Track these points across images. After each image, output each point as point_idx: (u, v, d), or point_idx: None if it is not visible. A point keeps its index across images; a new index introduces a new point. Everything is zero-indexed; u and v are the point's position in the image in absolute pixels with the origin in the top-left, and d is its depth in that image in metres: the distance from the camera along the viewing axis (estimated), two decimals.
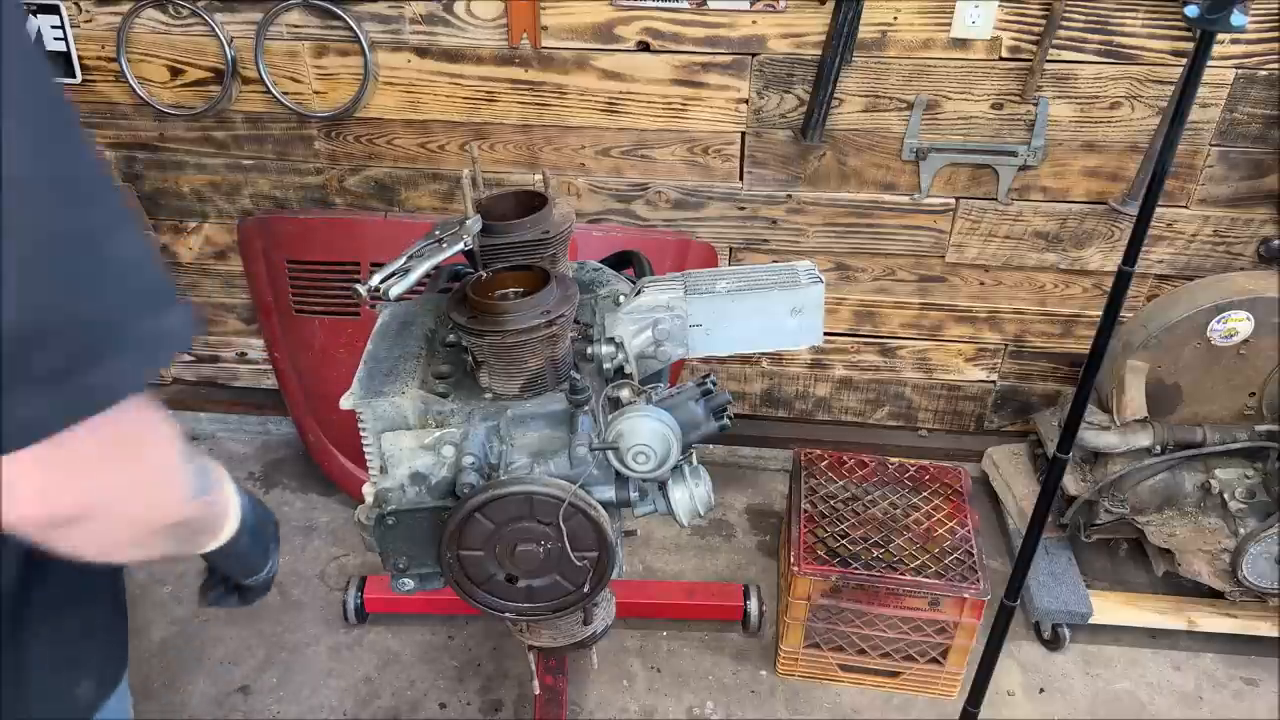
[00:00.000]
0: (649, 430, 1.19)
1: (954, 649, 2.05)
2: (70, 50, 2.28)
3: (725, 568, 2.45)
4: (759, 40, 2.12)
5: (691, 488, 1.27)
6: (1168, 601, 2.23)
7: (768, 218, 2.37)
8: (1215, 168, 2.18)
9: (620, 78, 2.20)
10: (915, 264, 2.40)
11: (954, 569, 2.02)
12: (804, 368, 2.62)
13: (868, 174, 2.27)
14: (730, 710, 2.11)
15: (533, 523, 1.21)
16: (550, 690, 1.79)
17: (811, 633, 2.10)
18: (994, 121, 2.17)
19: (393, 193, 2.43)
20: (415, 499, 1.24)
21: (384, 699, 2.13)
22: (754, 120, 2.22)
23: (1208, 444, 2.13)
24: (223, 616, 2.29)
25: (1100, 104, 2.12)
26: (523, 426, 1.28)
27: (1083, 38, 2.04)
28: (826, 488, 2.24)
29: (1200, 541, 2.17)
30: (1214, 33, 1.27)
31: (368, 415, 1.27)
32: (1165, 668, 2.21)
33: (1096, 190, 2.23)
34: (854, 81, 2.14)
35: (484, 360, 1.26)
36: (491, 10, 2.14)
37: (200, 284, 2.67)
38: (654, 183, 2.35)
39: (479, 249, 1.26)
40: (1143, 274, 2.34)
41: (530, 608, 1.30)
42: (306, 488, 2.67)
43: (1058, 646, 2.23)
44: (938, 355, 2.55)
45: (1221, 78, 2.06)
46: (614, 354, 1.34)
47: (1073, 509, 2.26)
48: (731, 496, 2.65)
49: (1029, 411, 2.58)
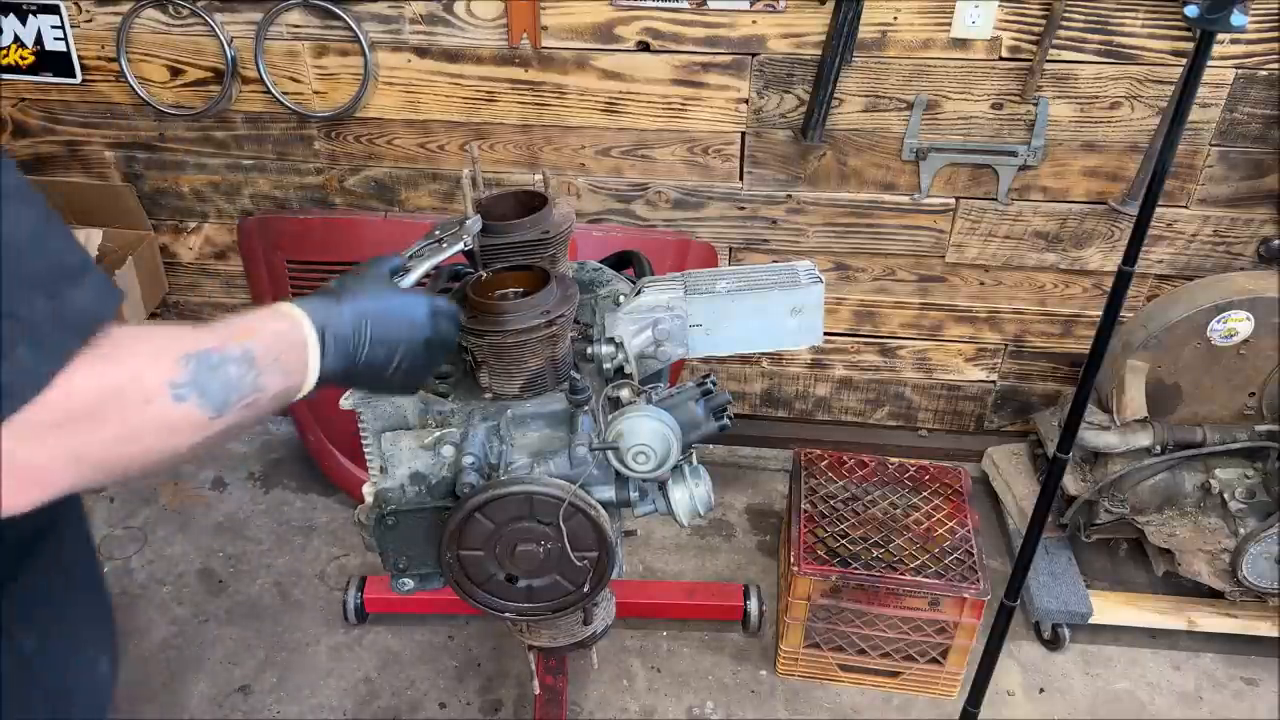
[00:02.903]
0: (649, 430, 1.19)
1: (954, 649, 2.05)
2: (70, 50, 2.28)
3: (725, 568, 2.45)
4: (759, 40, 2.12)
5: (691, 488, 1.27)
6: (1168, 601, 2.23)
7: (768, 218, 2.37)
8: (1215, 168, 2.18)
9: (620, 78, 2.20)
10: (915, 264, 2.40)
11: (954, 569, 2.02)
12: (804, 368, 2.62)
13: (868, 174, 2.27)
14: (730, 710, 2.11)
15: (533, 523, 1.21)
16: (550, 690, 1.79)
17: (811, 633, 2.10)
18: (994, 121, 2.17)
19: (393, 193, 2.43)
20: (415, 499, 1.24)
21: (384, 699, 2.13)
22: (754, 120, 2.22)
23: (1208, 444, 2.13)
24: (222, 617, 2.29)
25: (1100, 104, 2.12)
26: (523, 426, 1.28)
27: (1083, 38, 2.04)
28: (826, 488, 2.24)
29: (1200, 541, 2.17)
30: (1214, 33, 1.27)
31: (368, 415, 1.27)
32: (1165, 668, 2.21)
33: (1096, 190, 2.23)
34: (854, 81, 2.14)
35: (484, 360, 1.26)
36: (491, 10, 2.14)
37: (200, 284, 2.67)
38: (654, 183, 2.35)
39: (479, 249, 1.26)
40: (1143, 274, 2.34)
41: (530, 608, 1.30)
42: (306, 488, 2.67)
43: (1058, 646, 2.23)
44: (938, 355, 2.55)
45: (1221, 78, 2.06)
46: (614, 354, 1.34)
47: (1073, 509, 2.26)
48: (731, 496, 2.65)
49: (1029, 411, 2.58)
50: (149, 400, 0.71)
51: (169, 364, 0.73)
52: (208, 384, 0.75)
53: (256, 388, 0.80)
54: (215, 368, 0.76)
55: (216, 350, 0.77)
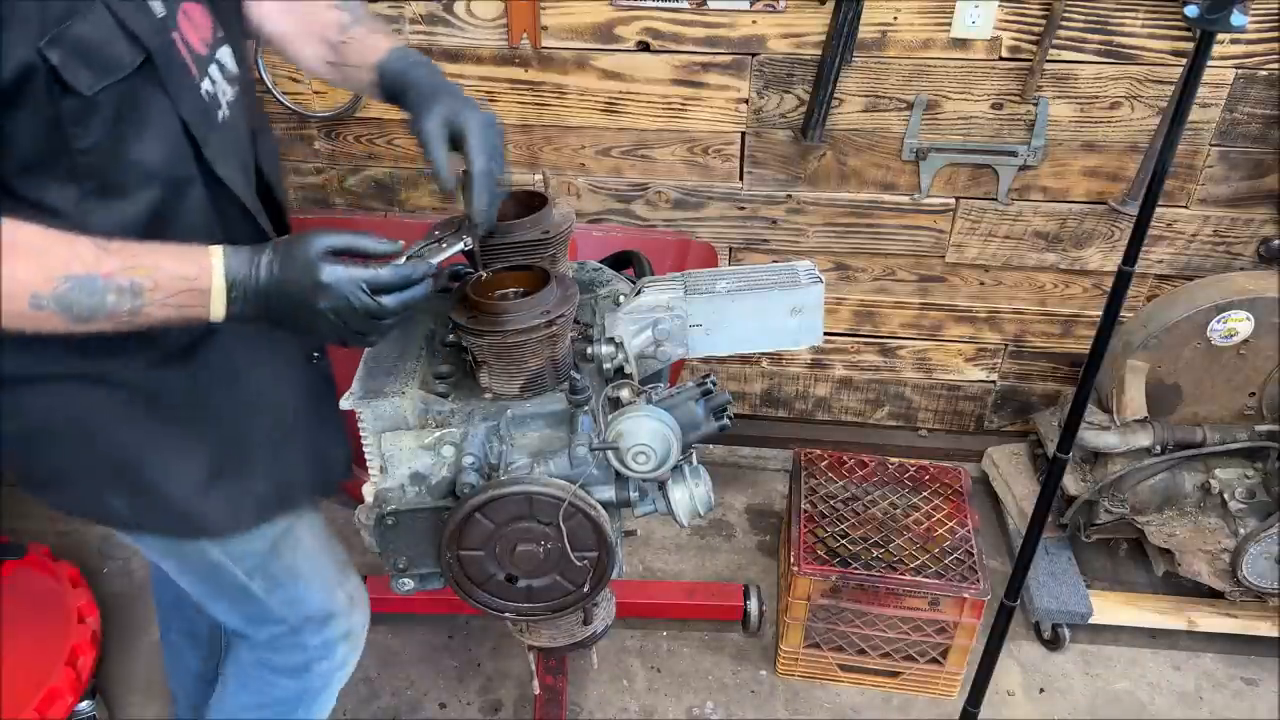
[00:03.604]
0: (649, 430, 1.19)
1: (954, 649, 2.05)
2: None
3: (725, 568, 2.45)
4: (759, 40, 2.11)
5: (691, 488, 1.27)
6: (1168, 601, 2.23)
7: (768, 218, 2.37)
8: (1215, 168, 2.18)
9: (620, 78, 2.20)
10: (915, 264, 2.40)
11: (954, 569, 2.02)
12: (804, 368, 2.62)
13: (868, 174, 2.27)
14: (730, 710, 2.11)
15: (533, 523, 1.21)
16: (550, 690, 1.79)
17: (811, 633, 2.10)
18: (994, 121, 2.17)
19: (393, 193, 2.43)
20: (415, 499, 1.24)
21: (384, 699, 2.13)
22: (754, 120, 2.22)
23: (1208, 444, 2.13)
24: None
25: (1100, 104, 2.12)
26: (523, 426, 1.28)
27: (1083, 38, 2.04)
28: (826, 488, 2.24)
29: (1200, 541, 2.17)
30: (1214, 33, 1.27)
31: (368, 415, 1.27)
32: (1165, 668, 2.21)
33: (1096, 190, 2.23)
34: (854, 81, 2.14)
35: (484, 360, 1.26)
36: (491, 10, 2.14)
37: None
38: (654, 183, 2.35)
39: (479, 249, 1.26)
40: (1143, 274, 2.34)
41: (530, 608, 1.30)
42: None
43: (1058, 646, 2.23)
44: (938, 355, 2.55)
45: (1221, 78, 2.06)
46: (614, 354, 1.34)
47: (1073, 509, 2.26)
48: (731, 496, 2.65)
49: (1029, 411, 2.58)
50: (11, 296, 0.93)
51: (43, 278, 0.94)
52: (77, 301, 0.95)
53: (134, 312, 0.98)
54: (94, 292, 0.96)
55: (105, 276, 0.96)
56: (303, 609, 1.42)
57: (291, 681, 1.50)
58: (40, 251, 0.95)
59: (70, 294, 0.95)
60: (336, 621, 1.46)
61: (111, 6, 0.98)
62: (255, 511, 1.30)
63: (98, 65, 0.98)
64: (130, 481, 1.21)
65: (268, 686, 1.51)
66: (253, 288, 1.03)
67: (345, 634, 1.49)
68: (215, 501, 1.25)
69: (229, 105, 1.17)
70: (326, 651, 1.48)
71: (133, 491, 1.22)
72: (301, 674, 1.49)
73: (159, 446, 1.20)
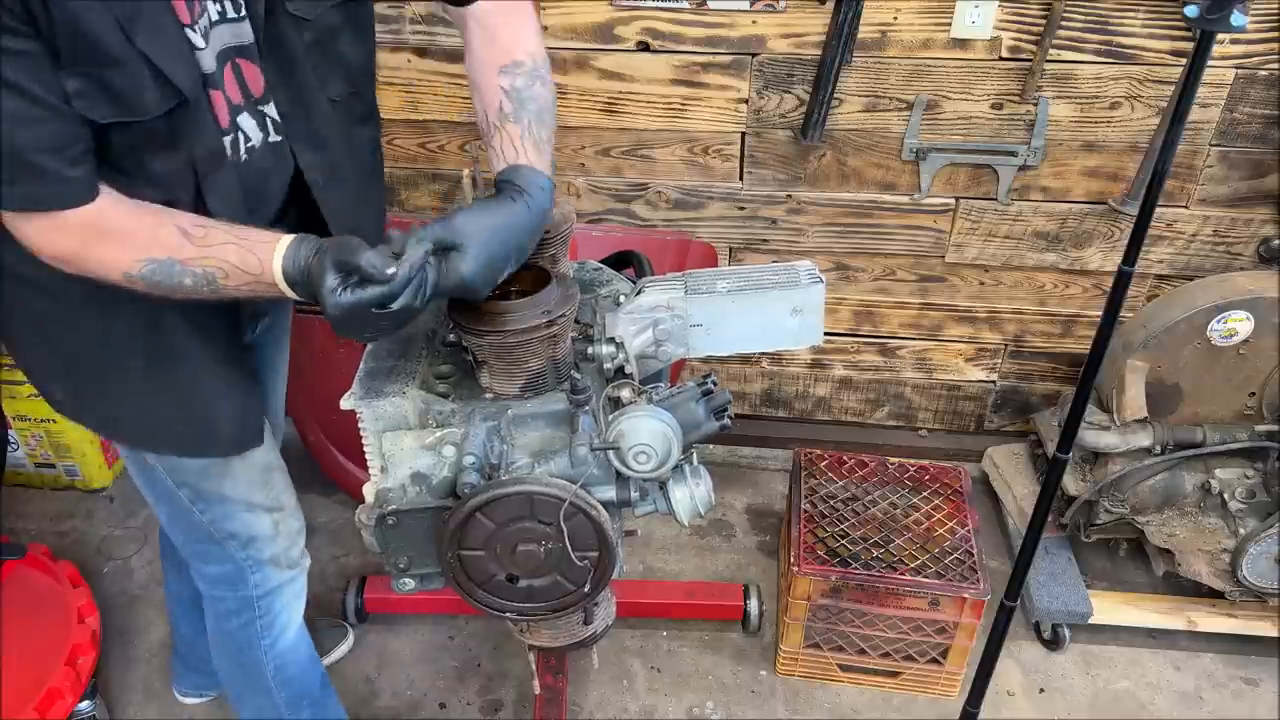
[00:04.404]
0: (650, 430, 1.19)
1: (954, 649, 2.05)
2: None
3: (725, 568, 2.45)
4: (759, 40, 2.12)
5: (692, 487, 1.27)
6: (1168, 601, 2.23)
7: (768, 218, 2.37)
8: (1215, 168, 2.18)
9: (620, 78, 2.20)
10: (915, 264, 2.40)
11: (954, 569, 2.02)
12: (804, 368, 2.62)
13: (868, 174, 2.27)
14: (730, 710, 2.11)
15: (533, 523, 1.21)
16: (550, 690, 1.79)
17: (811, 633, 2.10)
18: (994, 121, 2.17)
19: (393, 193, 2.43)
20: (416, 499, 1.24)
21: (384, 699, 2.13)
22: (754, 120, 2.22)
23: (1208, 444, 2.13)
24: None
25: (1100, 104, 2.12)
26: (523, 426, 1.28)
27: (1082, 38, 2.04)
28: (826, 488, 2.24)
29: (1200, 541, 2.17)
30: (1214, 33, 1.27)
31: (368, 415, 1.27)
32: (1165, 668, 2.21)
33: (1096, 190, 2.23)
34: (854, 81, 2.14)
35: (485, 360, 1.26)
36: None
37: None
38: (654, 183, 2.35)
39: None
40: (1143, 274, 2.34)
41: (530, 608, 1.30)
42: (306, 488, 2.67)
43: (1058, 646, 2.23)
44: (938, 355, 2.55)
45: (1221, 78, 2.06)
46: (614, 354, 1.34)
47: (1073, 509, 2.26)
48: (731, 496, 2.65)
49: (1029, 411, 2.58)
50: (107, 270, 1.10)
51: (131, 259, 1.08)
52: (159, 281, 1.09)
53: (215, 291, 1.11)
54: (172, 275, 1.09)
55: (183, 263, 1.09)
56: (226, 526, 1.53)
57: (229, 593, 1.61)
58: (128, 235, 1.09)
59: (152, 275, 1.08)
60: (258, 544, 1.57)
61: (154, 59, 1.03)
62: (172, 445, 1.42)
63: (122, 105, 1.04)
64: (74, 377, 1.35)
65: (216, 602, 1.64)
66: (302, 284, 1.11)
67: (271, 558, 1.59)
68: (133, 417, 1.38)
69: (248, 150, 1.21)
70: (255, 567, 1.58)
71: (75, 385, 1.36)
72: (236, 584, 1.59)
73: (93, 358, 1.31)
